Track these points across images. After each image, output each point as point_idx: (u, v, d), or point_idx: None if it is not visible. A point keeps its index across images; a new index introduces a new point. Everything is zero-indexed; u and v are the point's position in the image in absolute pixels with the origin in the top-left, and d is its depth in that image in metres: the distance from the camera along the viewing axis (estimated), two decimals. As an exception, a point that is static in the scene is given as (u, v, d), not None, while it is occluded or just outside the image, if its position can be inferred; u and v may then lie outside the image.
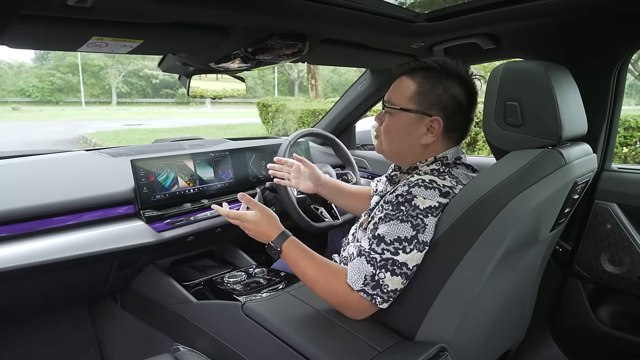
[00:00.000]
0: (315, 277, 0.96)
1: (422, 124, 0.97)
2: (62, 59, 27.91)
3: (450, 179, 0.93)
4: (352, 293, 0.91)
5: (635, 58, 8.77)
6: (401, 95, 0.99)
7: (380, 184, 1.21)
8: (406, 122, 0.99)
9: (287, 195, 1.46)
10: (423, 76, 0.98)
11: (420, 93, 0.97)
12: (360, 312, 0.93)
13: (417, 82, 0.98)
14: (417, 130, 0.98)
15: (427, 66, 0.98)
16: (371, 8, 1.09)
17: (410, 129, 0.99)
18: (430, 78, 0.97)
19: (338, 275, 0.94)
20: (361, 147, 2.21)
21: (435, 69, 0.97)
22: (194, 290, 1.31)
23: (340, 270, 0.95)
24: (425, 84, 0.97)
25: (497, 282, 0.93)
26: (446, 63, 0.98)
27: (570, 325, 1.40)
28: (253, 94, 27.82)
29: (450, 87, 0.96)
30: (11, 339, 1.47)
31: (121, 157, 1.46)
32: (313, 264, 0.97)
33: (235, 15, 0.96)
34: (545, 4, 1.03)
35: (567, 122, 0.88)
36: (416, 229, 0.86)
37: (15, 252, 1.04)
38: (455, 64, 0.98)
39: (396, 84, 1.02)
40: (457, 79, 0.97)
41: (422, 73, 0.98)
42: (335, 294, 0.94)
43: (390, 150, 1.04)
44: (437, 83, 0.97)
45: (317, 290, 0.97)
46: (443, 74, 0.97)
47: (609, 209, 1.28)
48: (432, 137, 0.97)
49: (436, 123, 0.96)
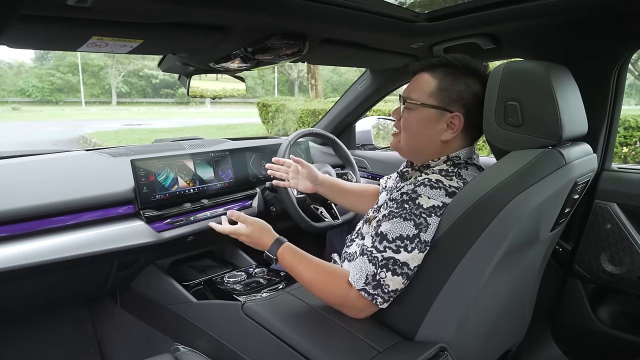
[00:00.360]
0: (312, 279, 0.97)
1: (443, 119, 0.97)
2: (62, 59, 27.91)
3: (457, 180, 0.93)
4: (350, 291, 0.91)
5: (635, 58, 8.77)
6: (421, 91, 0.99)
7: (391, 181, 1.21)
8: (427, 118, 0.98)
9: (287, 195, 1.46)
10: (444, 72, 0.97)
11: (442, 89, 0.97)
12: (360, 310, 0.94)
13: (439, 78, 0.97)
14: (438, 126, 0.98)
15: (448, 62, 0.98)
16: (371, 8, 1.09)
17: (430, 124, 0.98)
18: (451, 74, 0.97)
19: (334, 276, 0.95)
20: (361, 147, 2.21)
21: (456, 66, 0.97)
22: (194, 290, 1.31)
23: (336, 270, 0.96)
24: (446, 80, 0.97)
25: (497, 282, 0.93)
26: (466, 60, 0.98)
27: (570, 325, 1.40)
28: (253, 94, 27.82)
29: (471, 84, 0.97)
30: (11, 339, 1.47)
31: (121, 157, 1.46)
32: (309, 267, 0.98)
33: (235, 15, 0.96)
34: (545, 4, 1.03)
35: (567, 122, 0.88)
36: (418, 228, 0.86)
37: (15, 252, 1.04)
38: (474, 62, 0.98)
39: (415, 80, 1.01)
40: (477, 76, 0.98)
41: (442, 69, 0.98)
42: (333, 294, 0.94)
43: (409, 145, 1.03)
44: (459, 79, 0.97)
45: (316, 292, 0.98)
46: (464, 70, 0.97)
47: (609, 209, 1.28)
48: (452, 133, 0.97)
49: (457, 119, 0.96)
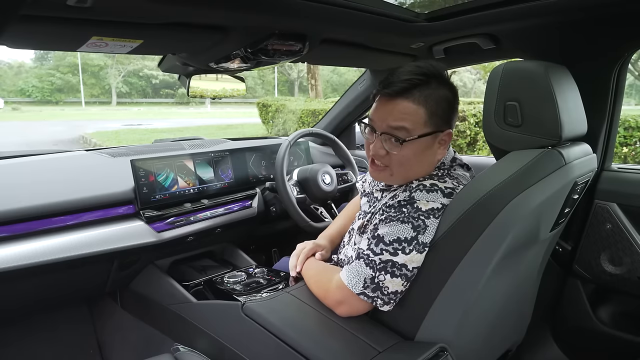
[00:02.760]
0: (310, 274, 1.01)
1: (436, 140, 0.94)
2: (62, 59, 27.90)
3: (450, 180, 0.93)
4: (330, 286, 0.95)
5: (635, 58, 8.76)
6: (414, 122, 0.90)
7: (367, 184, 1.19)
8: (424, 146, 0.93)
9: (287, 195, 1.46)
10: (423, 95, 0.90)
11: (432, 114, 0.91)
12: (347, 308, 0.95)
13: (422, 103, 0.90)
14: (433, 149, 0.95)
15: (420, 82, 0.90)
16: (371, 8, 1.08)
17: (427, 150, 0.94)
18: (430, 95, 0.90)
19: (325, 269, 0.99)
20: (361, 147, 2.21)
21: (428, 83, 0.91)
22: (194, 290, 1.31)
23: (327, 267, 1.00)
24: (431, 104, 0.90)
25: (497, 282, 0.93)
26: (431, 70, 0.92)
27: (570, 325, 1.40)
28: (253, 94, 27.81)
29: (444, 95, 0.93)
30: (11, 339, 1.47)
31: (121, 157, 1.46)
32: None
33: (235, 15, 0.96)
34: (545, 4, 1.03)
35: (567, 122, 0.88)
36: (416, 230, 0.86)
37: (15, 252, 1.04)
38: (435, 67, 0.93)
39: (400, 110, 0.91)
40: (443, 82, 0.93)
41: (418, 91, 0.90)
42: (318, 285, 1.00)
43: (405, 177, 0.96)
44: (439, 98, 0.91)
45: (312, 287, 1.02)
46: (434, 84, 0.91)
47: (609, 209, 1.28)
48: (445, 148, 0.96)
49: (447, 135, 0.95)
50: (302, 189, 1.61)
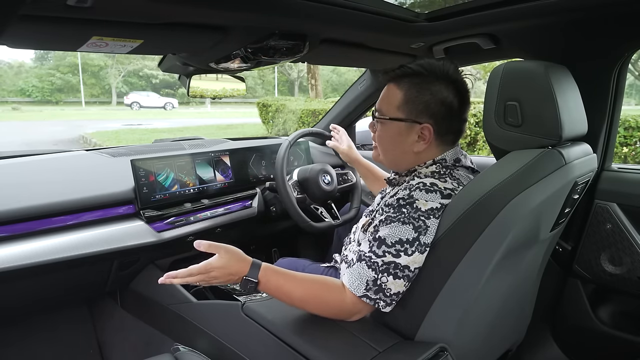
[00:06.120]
0: (304, 295, 0.91)
1: (413, 131, 0.96)
2: (62, 59, 27.92)
3: (451, 181, 0.92)
4: (345, 300, 0.90)
5: (635, 58, 8.77)
6: (390, 104, 0.98)
7: None
8: (397, 131, 0.98)
9: (287, 195, 1.46)
10: (410, 83, 0.95)
11: (407, 101, 0.95)
12: (360, 315, 0.93)
13: (404, 89, 0.96)
14: (409, 139, 0.97)
15: (413, 72, 0.95)
16: (371, 8, 1.08)
17: (401, 138, 0.97)
18: (417, 85, 0.95)
19: (326, 287, 0.92)
20: (361, 147, 2.21)
21: (422, 74, 0.95)
22: (194, 290, 1.30)
23: (326, 281, 0.94)
24: (411, 92, 0.95)
25: (497, 282, 0.93)
26: (432, 66, 0.95)
27: (570, 325, 1.40)
28: (253, 94, 27.83)
29: (437, 92, 0.94)
30: (11, 339, 1.47)
31: (121, 157, 1.47)
32: (297, 283, 0.91)
33: (235, 15, 0.96)
34: (545, 4, 1.03)
35: (567, 122, 0.88)
36: (418, 231, 0.86)
37: (15, 252, 1.04)
38: (442, 65, 0.95)
39: (384, 93, 1.00)
40: (445, 81, 0.94)
41: (408, 80, 0.96)
42: (328, 305, 0.92)
43: (386, 159, 1.04)
44: (424, 89, 0.94)
45: (310, 308, 0.93)
46: (430, 78, 0.94)
47: (609, 209, 1.28)
48: (424, 144, 0.96)
49: (426, 130, 0.95)
50: (302, 189, 1.61)
